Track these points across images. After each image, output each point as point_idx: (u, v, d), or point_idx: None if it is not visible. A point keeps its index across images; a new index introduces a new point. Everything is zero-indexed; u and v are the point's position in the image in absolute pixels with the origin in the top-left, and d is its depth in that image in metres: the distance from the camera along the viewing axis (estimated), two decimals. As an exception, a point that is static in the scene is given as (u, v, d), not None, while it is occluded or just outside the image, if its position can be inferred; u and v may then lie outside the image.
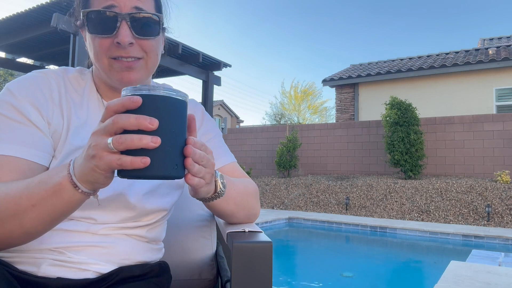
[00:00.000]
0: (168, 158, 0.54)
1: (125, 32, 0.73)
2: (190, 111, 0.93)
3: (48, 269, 0.72)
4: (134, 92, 0.53)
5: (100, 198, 0.75)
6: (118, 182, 0.77)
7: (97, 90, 0.86)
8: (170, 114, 0.54)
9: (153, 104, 0.53)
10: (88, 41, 0.78)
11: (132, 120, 0.51)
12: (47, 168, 0.74)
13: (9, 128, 0.71)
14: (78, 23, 0.82)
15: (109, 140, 0.52)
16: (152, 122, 0.51)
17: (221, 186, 0.73)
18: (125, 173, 0.53)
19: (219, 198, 0.75)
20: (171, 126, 0.54)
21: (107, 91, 0.86)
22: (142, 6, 0.75)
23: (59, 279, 0.72)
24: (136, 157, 0.51)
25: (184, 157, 0.57)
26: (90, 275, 0.75)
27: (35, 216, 0.60)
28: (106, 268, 0.77)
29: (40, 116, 0.75)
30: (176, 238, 1.08)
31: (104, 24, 0.73)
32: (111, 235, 0.78)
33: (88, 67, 0.93)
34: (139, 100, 0.51)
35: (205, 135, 0.94)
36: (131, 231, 0.81)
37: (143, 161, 0.51)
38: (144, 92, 0.53)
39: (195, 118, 0.60)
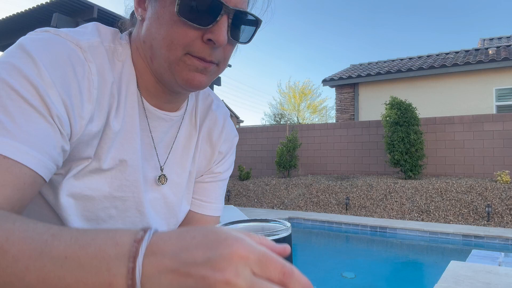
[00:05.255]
0: None
1: (224, 30, 0.57)
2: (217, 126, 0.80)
3: None
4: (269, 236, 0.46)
5: None
6: None
7: (136, 81, 0.65)
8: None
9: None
10: (166, 21, 0.57)
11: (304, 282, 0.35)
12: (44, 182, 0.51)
13: (24, 115, 0.47)
14: None
15: None
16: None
17: None
18: None
19: None
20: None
21: (151, 86, 0.65)
22: (244, 8, 0.60)
23: None
24: None
25: None
26: None
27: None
28: None
29: (66, 114, 0.53)
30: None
31: (201, 11, 0.56)
32: None
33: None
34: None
35: (223, 173, 0.82)
36: None
37: None
38: (278, 236, 0.47)
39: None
